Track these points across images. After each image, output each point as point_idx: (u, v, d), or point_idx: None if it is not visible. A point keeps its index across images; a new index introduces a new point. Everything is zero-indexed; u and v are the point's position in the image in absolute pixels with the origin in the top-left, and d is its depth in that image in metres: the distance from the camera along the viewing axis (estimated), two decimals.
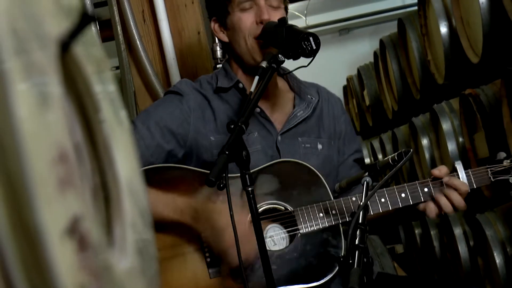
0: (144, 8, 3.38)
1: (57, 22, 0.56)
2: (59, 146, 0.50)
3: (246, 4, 2.55)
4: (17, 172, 0.47)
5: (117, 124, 0.60)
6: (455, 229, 4.99)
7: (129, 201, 0.57)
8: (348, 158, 2.73)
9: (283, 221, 2.46)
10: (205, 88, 2.65)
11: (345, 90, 9.56)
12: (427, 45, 5.12)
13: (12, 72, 0.48)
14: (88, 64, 0.58)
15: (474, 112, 4.11)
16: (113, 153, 0.57)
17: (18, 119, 0.47)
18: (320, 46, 2.30)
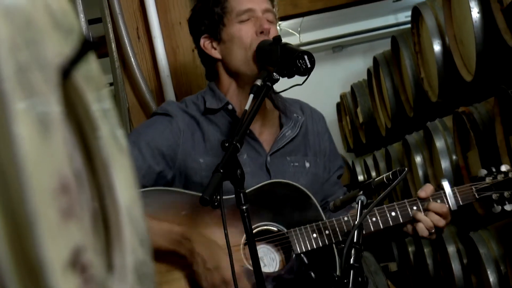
0: (139, 25, 3.38)
1: (58, 47, 0.55)
2: (60, 175, 0.50)
3: (244, 16, 2.55)
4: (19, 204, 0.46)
5: (116, 147, 0.60)
6: (449, 247, 4.99)
7: (129, 229, 0.56)
8: (333, 175, 2.73)
9: (277, 242, 2.45)
10: (192, 109, 2.62)
11: (338, 107, 9.57)
12: (420, 62, 5.14)
13: (14, 101, 0.48)
14: (88, 88, 0.58)
15: (468, 130, 4.12)
16: (112, 178, 0.56)
17: (19, 147, 0.47)
18: (314, 64, 2.30)
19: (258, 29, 2.52)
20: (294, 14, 8.06)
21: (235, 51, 2.55)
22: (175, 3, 3.38)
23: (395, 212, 2.48)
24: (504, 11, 3.49)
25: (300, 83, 2.35)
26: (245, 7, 2.55)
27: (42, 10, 0.55)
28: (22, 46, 0.51)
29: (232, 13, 2.55)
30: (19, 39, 0.51)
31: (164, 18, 3.36)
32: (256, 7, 2.56)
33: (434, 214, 2.44)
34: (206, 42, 2.63)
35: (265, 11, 2.57)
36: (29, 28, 0.53)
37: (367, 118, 7.75)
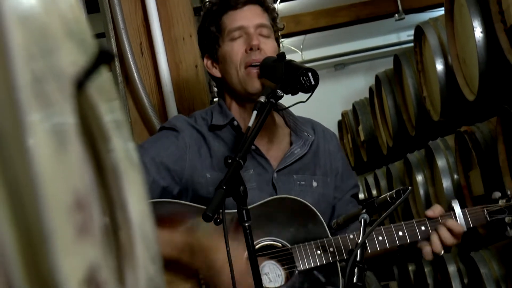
0: (142, 41, 3.38)
1: (72, 57, 0.55)
2: (76, 191, 0.49)
3: (236, 33, 2.54)
4: (34, 220, 0.46)
5: (128, 161, 0.59)
6: (450, 266, 4.97)
7: (141, 245, 0.55)
8: (346, 194, 2.71)
9: (280, 258, 2.44)
10: (200, 124, 2.62)
11: (340, 125, 9.57)
12: (423, 81, 5.14)
13: (29, 112, 0.47)
14: (101, 99, 0.57)
15: (470, 149, 4.11)
16: (124, 193, 0.55)
17: (35, 161, 0.46)
18: (318, 82, 2.29)
19: (247, 46, 2.51)
20: (297, 31, 8.09)
21: (228, 70, 2.55)
22: (179, 19, 3.39)
23: (402, 231, 2.47)
24: (507, 31, 3.49)
25: (304, 100, 2.34)
26: (236, 25, 2.55)
27: (57, 18, 0.55)
28: (37, 55, 0.51)
29: (225, 31, 2.56)
30: (35, 48, 0.51)
31: (168, 34, 3.37)
32: (248, 23, 2.54)
33: (446, 231, 2.42)
34: (208, 62, 2.65)
35: (258, 26, 2.55)
36: (44, 37, 0.53)
37: (369, 136, 7.75)
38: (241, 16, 2.56)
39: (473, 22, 3.73)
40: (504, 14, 3.50)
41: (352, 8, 8.14)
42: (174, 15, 3.38)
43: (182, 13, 3.39)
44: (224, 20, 2.57)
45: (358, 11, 8.15)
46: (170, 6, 3.38)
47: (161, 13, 3.36)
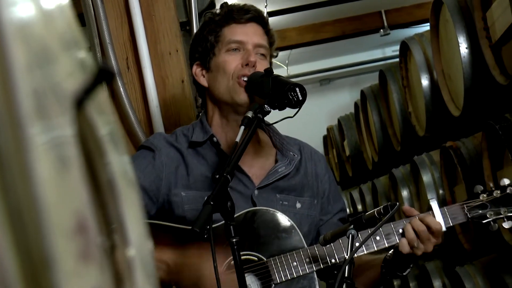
0: (128, 55, 3.38)
1: (70, 71, 0.54)
2: (77, 214, 0.48)
3: (234, 45, 2.53)
4: (37, 246, 0.45)
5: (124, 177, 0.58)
6: (435, 281, 4.98)
7: (140, 268, 0.55)
8: (333, 217, 2.69)
9: (257, 272, 2.43)
10: (180, 141, 2.60)
11: (325, 140, 9.59)
12: (408, 97, 5.16)
13: (34, 136, 0.47)
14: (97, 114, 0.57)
15: (455, 164, 4.12)
16: (123, 213, 0.55)
17: (38, 182, 0.46)
18: (306, 97, 2.29)
19: (244, 61, 2.51)
20: (282, 46, 8.10)
21: (219, 79, 2.54)
22: (165, 34, 3.38)
23: (379, 235, 2.44)
24: (492, 47, 3.51)
25: (291, 116, 2.34)
26: (237, 38, 2.55)
27: (54, 32, 0.55)
28: (36, 68, 0.50)
29: (223, 42, 2.55)
30: (33, 61, 0.50)
31: (154, 49, 3.36)
32: (248, 40, 2.55)
33: (421, 223, 2.35)
34: (197, 70, 2.63)
35: (256, 45, 2.55)
36: (43, 50, 0.52)
37: (354, 151, 7.76)
38: (242, 31, 2.57)
39: (459, 38, 3.76)
40: (489, 30, 3.52)
41: (337, 23, 8.17)
42: (161, 30, 3.38)
43: (168, 28, 3.38)
44: (225, 31, 2.57)
45: (344, 26, 8.18)
46: (156, 21, 3.38)
47: (148, 28, 3.36)
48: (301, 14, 7.48)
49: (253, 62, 2.49)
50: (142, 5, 3.35)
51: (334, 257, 2.44)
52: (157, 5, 3.38)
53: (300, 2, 7.18)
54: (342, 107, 9.15)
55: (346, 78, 10.29)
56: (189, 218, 2.45)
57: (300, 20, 7.85)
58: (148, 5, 3.37)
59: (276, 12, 7.13)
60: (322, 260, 2.43)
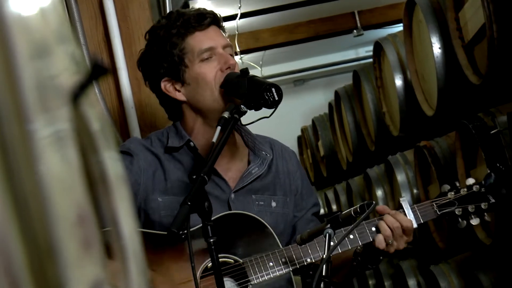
0: (103, 56, 3.37)
1: (65, 65, 0.55)
2: (79, 207, 0.49)
3: (206, 54, 2.50)
4: (43, 236, 0.46)
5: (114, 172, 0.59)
6: (409, 280, 5.01)
7: (133, 261, 0.55)
8: (307, 212, 2.70)
9: (233, 273, 2.43)
10: (156, 146, 2.58)
11: (299, 140, 9.61)
12: (382, 97, 5.19)
13: (38, 128, 0.47)
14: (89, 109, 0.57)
15: (429, 164, 4.15)
16: (116, 207, 0.55)
17: (45, 177, 0.46)
18: (282, 97, 2.30)
19: (223, 65, 2.48)
20: (256, 47, 8.12)
21: (201, 91, 2.50)
22: (140, 34, 3.37)
23: (352, 234, 2.47)
24: (465, 47, 3.54)
25: (268, 116, 2.35)
26: (206, 46, 2.51)
27: (49, 27, 0.55)
28: (38, 61, 0.51)
29: (193, 53, 2.50)
30: (35, 55, 0.51)
31: (129, 49, 3.35)
32: (217, 44, 2.53)
33: (393, 219, 2.40)
34: (167, 85, 2.56)
35: (225, 46, 2.55)
36: (42, 45, 0.53)
37: (328, 152, 7.79)
38: (207, 37, 2.54)
39: (432, 38, 3.78)
40: (461, 31, 3.55)
41: (310, 24, 8.19)
42: (136, 31, 3.37)
43: (143, 29, 3.37)
44: (189, 41, 2.52)
45: (317, 27, 8.20)
46: (131, 22, 3.37)
47: (122, 29, 3.35)
48: (274, 15, 7.49)
49: (234, 64, 2.49)
50: (116, 5, 3.34)
51: (309, 256, 2.45)
52: (131, 6, 3.37)
53: (273, 3, 7.19)
54: (316, 107, 9.17)
55: (320, 79, 10.32)
56: (164, 224, 2.44)
57: (273, 21, 7.86)
58: (122, 5, 3.36)
59: (250, 13, 7.13)
60: (298, 259, 2.44)
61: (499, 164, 3.16)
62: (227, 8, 6.71)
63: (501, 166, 3.09)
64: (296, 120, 9.77)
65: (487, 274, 3.71)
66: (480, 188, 2.55)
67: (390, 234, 2.38)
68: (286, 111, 9.35)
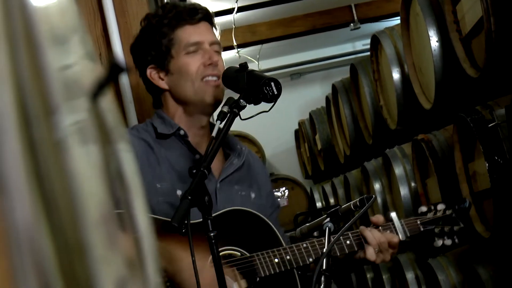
0: (102, 51, 3.37)
1: (88, 70, 0.56)
2: (102, 205, 0.49)
3: (192, 48, 2.57)
4: (72, 233, 0.46)
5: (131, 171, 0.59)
6: (407, 273, 5.02)
7: (150, 258, 0.56)
8: (273, 213, 2.76)
9: (240, 266, 2.45)
10: (144, 135, 2.63)
11: (296, 134, 9.62)
12: (379, 90, 5.19)
13: (66, 127, 0.48)
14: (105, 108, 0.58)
15: (427, 157, 4.16)
16: (133, 203, 0.56)
17: (74, 175, 0.47)
18: (281, 91, 2.31)
19: (206, 61, 2.55)
20: (253, 41, 8.11)
21: (182, 82, 2.57)
22: (139, 29, 3.37)
23: (349, 240, 2.54)
24: (462, 40, 3.54)
25: (267, 110, 2.36)
26: (194, 40, 2.58)
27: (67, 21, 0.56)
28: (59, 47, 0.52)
29: (180, 44, 2.57)
30: (57, 41, 0.52)
31: (127, 44, 3.34)
32: (204, 39, 2.59)
33: (383, 237, 2.52)
34: (152, 73, 2.64)
35: (212, 43, 2.61)
36: (61, 34, 0.54)
37: (326, 145, 7.79)
38: (196, 31, 2.61)
39: (429, 31, 3.78)
40: (459, 24, 3.55)
41: (307, 17, 8.19)
42: (134, 26, 3.37)
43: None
44: (178, 33, 2.59)
45: (314, 20, 8.20)
46: (129, 17, 3.37)
47: (120, 24, 3.35)
48: (271, 8, 7.49)
49: (216, 61, 2.57)
50: (114, 0, 3.34)
51: (311, 256, 2.49)
52: (129, 0, 3.37)
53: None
54: (314, 101, 9.18)
55: (317, 72, 10.31)
56: (163, 210, 2.45)
57: (270, 14, 7.86)
58: (120, 1, 3.36)
59: (247, 7, 7.13)
60: (301, 258, 2.48)
61: (497, 157, 3.17)
62: (224, 2, 6.71)
63: (499, 159, 3.10)
64: (293, 114, 9.78)
65: (486, 267, 3.72)
66: (451, 213, 2.69)
67: (377, 247, 2.48)
68: (283, 105, 9.36)
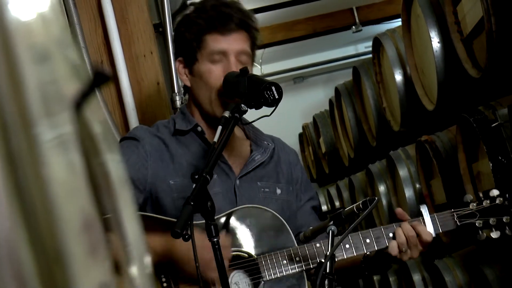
0: (103, 59, 3.38)
1: (72, 83, 0.56)
2: (85, 213, 0.49)
3: (217, 57, 2.52)
4: (51, 242, 0.46)
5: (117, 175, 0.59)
6: (414, 275, 5.01)
7: (138, 265, 0.56)
8: (306, 204, 2.73)
9: (247, 268, 2.45)
10: (162, 131, 2.62)
11: (300, 137, 9.61)
12: (382, 92, 5.19)
13: (43, 134, 0.48)
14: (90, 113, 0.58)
15: (431, 158, 4.15)
16: (119, 210, 0.56)
17: (51, 184, 0.47)
18: (282, 95, 2.31)
19: (225, 73, 2.50)
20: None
21: (201, 88, 2.56)
22: (139, 36, 3.38)
23: (369, 238, 2.48)
24: (464, 40, 3.54)
25: (268, 114, 2.36)
26: (219, 48, 2.52)
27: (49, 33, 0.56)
28: (39, 66, 0.52)
29: (205, 50, 2.54)
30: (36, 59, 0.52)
31: (128, 51, 3.36)
32: (230, 49, 2.53)
33: (411, 228, 2.43)
34: (180, 67, 2.65)
35: (239, 52, 2.54)
36: (43, 50, 0.54)
37: (330, 148, 7.79)
38: (225, 40, 2.54)
39: (430, 32, 3.78)
40: (460, 24, 3.55)
41: (309, 21, 8.20)
42: (134, 32, 3.38)
43: (142, 30, 3.39)
44: (207, 39, 2.54)
45: (315, 24, 8.21)
46: (130, 24, 3.38)
47: (121, 31, 3.36)
48: (273, 13, 7.49)
49: None
50: (115, 8, 3.35)
51: (323, 256, 2.46)
52: (130, 8, 3.38)
53: (271, 1, 7.20)
54: (317, 104, 9.18)
55: (319, 76, 10.32)
56: (178, 206, 2.44)
57: (272, 19, 7.87)
58: (121, 8, 3.37)
59: None
60: (312, 259, 2.46)
61: (500, 157, 3.16)
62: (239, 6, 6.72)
63: (503, 159, 3.10)
64: (297, 118, 9.77)
65: (492, 267, 3.71)
66: (503, 201, 2.51)
67: (404, 242, 2.40)
68: (287, 108, 9.37)
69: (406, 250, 2.42)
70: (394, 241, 2.42)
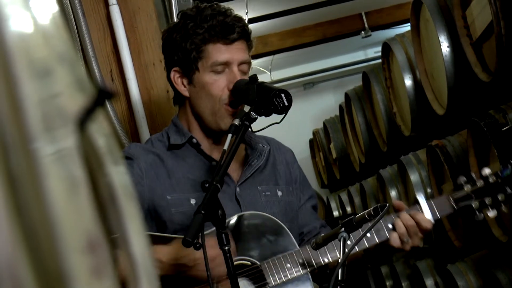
0: (112, 68, 3.38)
1: (67, 83, 0.56)
2: (89, 233, 0.49)
3: (220, 68, 2.49)
4: (52, 263, 0.46)
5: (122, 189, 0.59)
6: (427, 280, 4.99)
7: (145, 281, 0.55)
8: (305, 203, 2.72)
9: (251, 276, 2.44)
10: (157, 146, 2.60)
11: (311, 143, 9.60)
12: (392, 97, 5.18)
13: (44, 156, 0.48)
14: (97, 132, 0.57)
15: (442, 162, 4.14)
16: (126, 226, 0.55)
17: (52, 204, 0.46)
18: (292, 102, 2.31)
19: (230, 84, 2.47)
20: (265, 52, 8.12)
21: (204, 99, 2.52)
22: (148, 45, 3.39)
23: (370, 233, 2.47)
24: (473, 44, 3.54)
25: (278, 122, 2.36)
26: (222, 59, 2.49)
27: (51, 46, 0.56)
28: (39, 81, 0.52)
29: (208, 60, 2.49)
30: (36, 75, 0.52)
31: (138, 60, 3.37)
32: (233, 60, 2.50)
33: (409, 217, 2.42)
34: (176, 76, 2.57)
35: (241, 62, 2.52)
36: (43, 65, 0.54)
37: (341, 154, 7.78)
38: (228, 50, 2.51)
39: (440, 37, 3.78)
40: (469, 29, 3.55)
41: (318, 27, 8.19)
42: (143, 41, 3.39)
43: (151, 39, 3.39)
44: (209, 48, 2.50)
45: (324, 30, 8.20)
46: (139, 33, 3.39)
47: (130, 40, 3.36)
48: (282, 19, 7.49)
49: None
50: (124, 17, 3.36)
51: (327, 256, 2.46)
52: (139, 16, 3.39)
53: (280, 8, 7.19)
54: (327, 110, 9.17)
55: (329, 81, 10.31)
56: (176, 221, 2.45)
57: (281, 25, 7.87)
58: (130, 16, 3.38)
59: (258, 18, 7.15)
60: (315, 260, 2.45)
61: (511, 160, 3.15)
62: None
63: None
64: (307, 124, 9.77)
65: (505, 271, 3.70)
66: (496, 179, 2.52)
67: (405, 233, 2.40)
68: (297, 114, 9.38)
69: (407, 240, 2.42)
70: (395, 232, 2.41)
